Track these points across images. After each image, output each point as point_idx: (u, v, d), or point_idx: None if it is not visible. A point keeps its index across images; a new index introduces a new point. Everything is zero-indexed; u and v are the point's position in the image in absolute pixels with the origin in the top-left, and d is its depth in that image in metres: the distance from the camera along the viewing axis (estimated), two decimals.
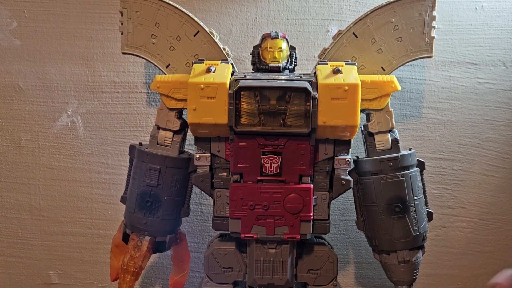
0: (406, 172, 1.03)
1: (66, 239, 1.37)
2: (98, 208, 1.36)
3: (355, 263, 1.37)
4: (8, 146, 1.35)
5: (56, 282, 1.38)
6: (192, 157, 1.05)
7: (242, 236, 1.01)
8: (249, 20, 1.29)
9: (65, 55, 1.31)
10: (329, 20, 1.29)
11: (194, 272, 1.35)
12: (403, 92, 1.30)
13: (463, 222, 1.35)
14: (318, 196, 1.02)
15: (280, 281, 1.04)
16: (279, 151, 0.98)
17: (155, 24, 1.06)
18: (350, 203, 1.32)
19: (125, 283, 1.08)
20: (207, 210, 1.35)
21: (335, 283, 1.07)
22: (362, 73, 1.04)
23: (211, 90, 0.96)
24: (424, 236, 1.06)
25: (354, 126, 0.96)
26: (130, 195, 1.07)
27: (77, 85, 1.32)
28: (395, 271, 1.06)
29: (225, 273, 1.06)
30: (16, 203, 1.36)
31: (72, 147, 1.34)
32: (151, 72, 1.30)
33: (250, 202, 0.99)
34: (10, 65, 1.32)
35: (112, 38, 1.30)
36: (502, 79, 1.30)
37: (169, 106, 1.04)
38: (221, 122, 0.96)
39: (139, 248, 1.07)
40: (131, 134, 1.33)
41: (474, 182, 1.33)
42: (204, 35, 1.06)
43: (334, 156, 1.01)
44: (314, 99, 0.94)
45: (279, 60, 1.03)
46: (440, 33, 1.27)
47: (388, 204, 1.03)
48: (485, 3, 1.28)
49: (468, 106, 1.31)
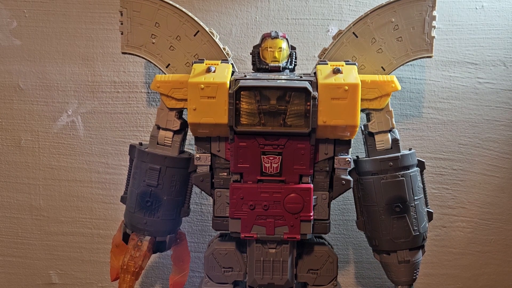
0: (406, 172, 1.03)
1: (66, 239, 1.37)
2: (98, 208, 1.36)
3: (355, 263, 1.37)
4: (8, 146, 1.35)
5: (56, 282, 1.38)
6: (192, 157, 1.05)
7: (242, 236, 1.00)
8: (249, 20, 1.29)
9: (65, 55, 1.31)
10: (329, 20, 1.29)
11: (194, 272, 1.35)
12: (403, 92, 1.30)
13: (463, 222, 1.35)
14: (318, 196, 1.02)
15: (280, 281, 1.04)
16: (279, 151, 0.98)
17: (155, 23, 1.06)
18: (350, 203, 1.32)
19: (125, 283, 1.08)
20: (207, 210, 1.35)
21: (335, 283, 1.06)
22: (362, 73, 1.04)
23: (211, 90, 0.96)
24: (424, 236, 1.06)
25: (354, 126, 0.96)
26: (130, 195, 1.07)
27: (77, 85, 1.32)
28: (395, 271, 1.06)
29: (225, 273, 1.06)
30: (16, 203, 1.36)
31: (72, 147, 1.34)
32: (151, 72, 1.30)
33: (250, 202, 0.99)
34: (10, 65, 1.32)
35: (112, 38, 1.30)
36: (502, 79, 1.30)
37: (169, 106, 1.04)
38: (221, 122, 0.96)
39: (139, 248, 1.07)
40: (131, 134, 1.33)
41: (474, 182, 1.33)
42: (204, 35, 1.06)
43: (334, 156, 1.01)
44: (314, 99, 0.94)
45: (279, 60, 1.03)
46: (440, 33, 1.27)
47: (388, 204, 1.03)
48: (485, 3, 1.28)
49: (468, 106, 1.31)
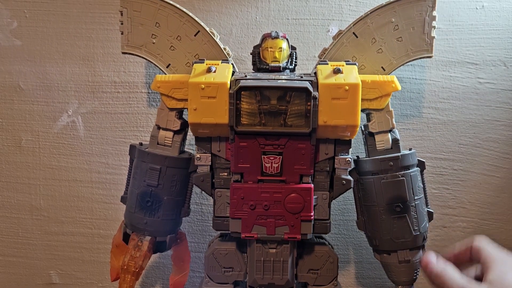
0: (407, 172, 1.03)
1: (67, 239, 1.37)
2: (99, 208, 1.36)
3: (356, 263, 1.37)
4: (9, 146, 1.35)
5: (57, 282, 1.38)
6: (192, 157, 1.05)
7: (243, 236, 1.00)
8: (250, 20, 1.29)
9: (66, 55, 1.31)
10: (329, 20, 1.29)
11: (194, 272, 1.35)
12: (403, 92, 1.30)
13: (463, 222, 1.35)
14: (318, 196, 1.02)
15: (280, 281, 1.04)
16: (280, 151, 0.98)
17: (156, 23, 1.06)
18: (350, 203, 1.32)
19: (126, 283, 1.08)
20: (207, 210, 1.35)
21: (335, 283, 1.07)
22: (362, 73, 1.04)
23: (211, 90, 0.96)
24: (425, 236, 1.06)
25: (355, 126, 0.96)
26: (131, 195, 1.07)
27: (78, 85, 1.32)
28: (396, 271, 1.06)
29: (226, 273, 1.06)
30: (16, 203, 1.36)
31: (73, 147, 1.34)
32: (151, 72, 1.30)
33: (250, 202, 0.99)
34: (11, 65, 1.32)
35: (112, 38, 1.30)
36: (502, 79, 1.30)
37: (169, 106, 1.04)
38: (222, 122, 0.96)
39: (139, 248, 1.07)
40: (131, 134, 1.33)
41: (474, 182, 1.33)
42: (205, 35, 1.06)
43: (335, 156, 1.01)
44: (314, 99, 0.94)
45: (280, 60, 1.03)
46: (441, 33, 1.27)
47: (388, 204, 1.03)
48: (485, 3, 1.28)
49: (468, 106, 1.31)
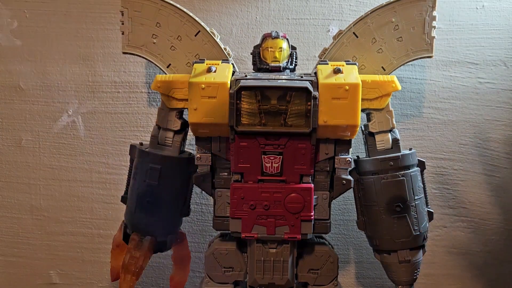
0: (407, 171, 1.03)
1: (67, 239, 1.37)
2: (99, 208, 1.36)
3: (356, 263, 1.37)
4: (9, 146, 1.35)
5: (57, 282, 1.38)
6: (192, 157, 1.05)
7: (243, 235, 1.00)
8: (250, 20, 1.29)
9: (66, 55, 1.31)
10: (329, 20, 1.29)
11: (194, 272, 1.35)
12: (403, 92, 1.30)
13: (463, 222, 1.34)
14: (318, 195, 1.02)
15: (280, 281, 1.04)
16: (280, 151, 0.98)
17: (156, 23, 1.06)
18: (350, 203, 1.32)
19: (126, 283, 1.08)
20: (207, 210, 1.35)
21: (335, 283, 1.06)
22: (362, 73, 1.04)
23: (212, 90, 0.96)
24: (425, 236, 1.06)
25: (355, 126, 0.96)
26: (131, 195, 1.07)
27: (78, 85, 1.32)
28: (396, 270, 1.06)
29: (226, 273, 1.06)
30: (16, 203, 1.36)
31: (73, 147, 1.34)
32: (151, 72, 1.30)
33: (251, 201, 0.99)
34: (11, 65, 1.32)
35: (112, 38, 1.30)
36: (503, 79, 1.30)
37: (169, 106, 1.04)
38: (222, 122, 0.96)
39: (139, 248, 1.07)
40: (131, 134, 1.33)
41: (475, 182, 1.33)
42: (205, 35, 1.06)
43: (335, 155, 1.01)
44: (315, 98, 0.94)
45: (280, 60, 1.03)
46: (441, 32, 1.27)
47: (388, 204, 1.03)
48: (486, 3, 1.28)
49: (469, 106, 1.31)
